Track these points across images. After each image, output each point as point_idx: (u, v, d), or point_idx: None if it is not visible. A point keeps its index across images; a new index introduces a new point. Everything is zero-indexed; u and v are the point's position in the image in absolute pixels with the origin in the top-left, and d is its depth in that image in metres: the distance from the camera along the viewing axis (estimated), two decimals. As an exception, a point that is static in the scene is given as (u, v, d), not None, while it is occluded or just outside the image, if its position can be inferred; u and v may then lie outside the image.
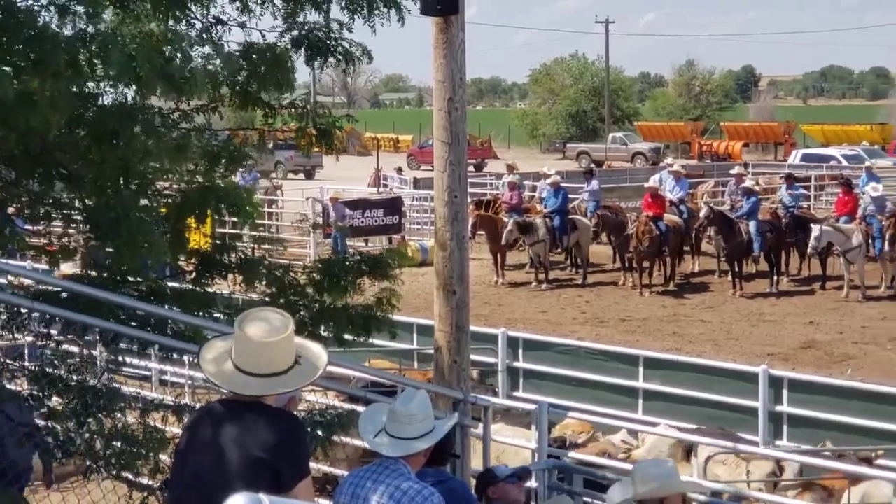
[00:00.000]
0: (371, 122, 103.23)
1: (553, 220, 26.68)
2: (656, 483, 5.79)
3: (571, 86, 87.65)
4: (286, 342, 4.70)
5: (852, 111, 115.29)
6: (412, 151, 73.13)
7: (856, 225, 24.36)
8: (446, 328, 8.10)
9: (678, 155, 71.56)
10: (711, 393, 13.76)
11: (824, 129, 75.71)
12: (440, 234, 8.08)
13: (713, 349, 19.80)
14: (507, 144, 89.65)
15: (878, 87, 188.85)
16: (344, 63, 8.36)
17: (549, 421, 9.39)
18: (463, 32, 7.97)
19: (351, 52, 8.31)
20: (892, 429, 12.37)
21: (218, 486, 4.51)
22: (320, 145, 8.62)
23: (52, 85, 6.16)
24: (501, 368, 15.11)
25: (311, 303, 8.07)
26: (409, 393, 5.66)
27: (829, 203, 36.66)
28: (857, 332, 21.06)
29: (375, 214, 30.39)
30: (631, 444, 11.67)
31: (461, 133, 8.03)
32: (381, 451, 5.44)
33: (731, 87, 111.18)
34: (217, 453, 4.64)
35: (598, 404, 14.12)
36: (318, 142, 8.62)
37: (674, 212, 26.78)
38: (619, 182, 42.78)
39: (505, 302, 24.83)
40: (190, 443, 4.80)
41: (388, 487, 5.25)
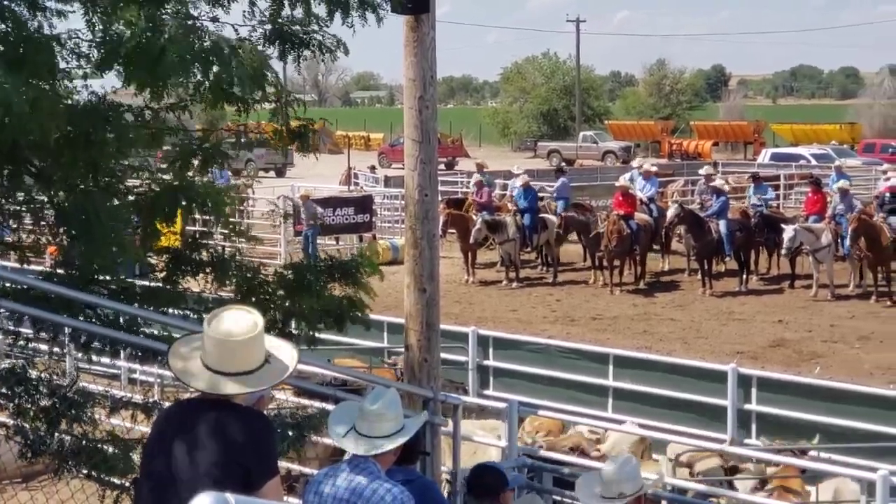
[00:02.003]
0: (342, 120, 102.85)
1: (523, 218, 26.72)
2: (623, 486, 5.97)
3: (542, 84, 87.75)
4: (256, 341, 4.69)
5: (822, 111, 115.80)
6: (383, 150, 73.02)
7: (825, 224, 24.51)
8: (417, 326, 8.12)
9: (648, 154, 71.88)
10: (681, 391, 13.81)
11: (794, 128, 76.04)
12: (411, 233, 8.10)
13: (683, 347, 19.89)
14: (478, 143, 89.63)
15: (847, 87, 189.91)
16: (320, 55, 8.33)
17: (518, 418, 9.42)
18: (434, 31, 7.98)
19: (325, 45, 8.28)
20: (859, 427, 12.45)
21: (186, 484, 4.50)
22: (297, 145, 8.58)
23: (40, 90, 6.15)
24: (472, 366, 15.13)
25: (282, 302, 8.05)
26: (379, 391, 5.65)
27: (798, 202, 36.84)
28: (825, 331, 21.20)
29: (346, 213, 30.40)
30: (598, 432, 11.68)
31: (432, 131, 8.04)
32: (350, 449, 5.43)
33: (702, 87, 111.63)
34: (185, 452, 4.62)
35: (569, 402, 14.16)
36: (294, 142, 8.59)
37: (644, 210, 26.89)
38: (590, 181, 42.82)
39: (476, 300, 24.86)
40: (158, 441, 4.78)
41: (358, 486, 5.25)
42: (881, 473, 8.32)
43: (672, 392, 13.88)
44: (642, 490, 6.38)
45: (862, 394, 12.90)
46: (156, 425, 4.94)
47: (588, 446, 11.24)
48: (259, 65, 7.38)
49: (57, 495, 7.01)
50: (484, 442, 10.72)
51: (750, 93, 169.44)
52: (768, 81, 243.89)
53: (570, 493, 9.19)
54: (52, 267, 7.94)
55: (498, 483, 6.64)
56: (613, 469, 6.33)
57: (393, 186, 36.22)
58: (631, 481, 6.28)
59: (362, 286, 8.37)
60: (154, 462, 4.76)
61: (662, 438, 11.10)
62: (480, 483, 6.68)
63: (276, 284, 8.06)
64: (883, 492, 8.25)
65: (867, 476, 8.71)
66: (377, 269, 8.54)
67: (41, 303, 6.79)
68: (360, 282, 8.35)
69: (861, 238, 23.14)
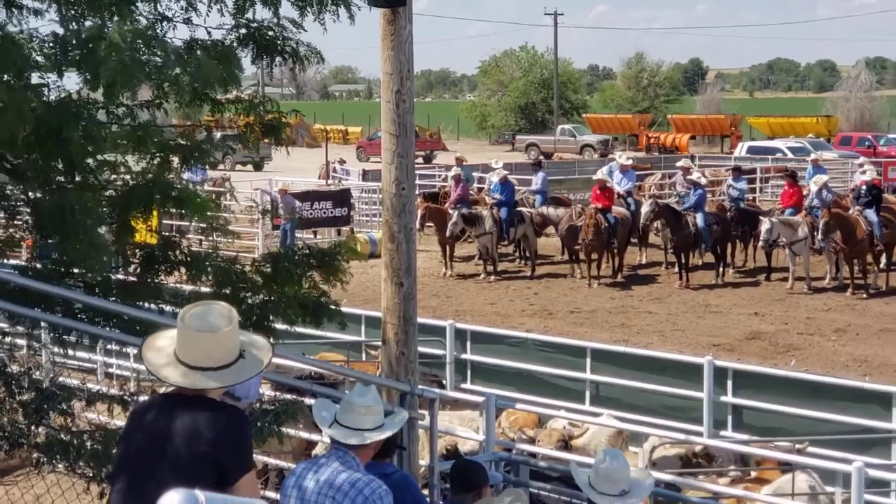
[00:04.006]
0: (320, 113, 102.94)
1: (499, 212, 26.75)
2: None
3: (520, 78, 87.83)
4: (230, 335, 4.68)
5: (798, 104, 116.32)
6: (361, 143, 72.98)
7: (801, 217, 24.62)
8: (394, 320, 8.10)
9: (626, 147, 71.98)
10: (657, 384, 13.85)
11: (770, 121, 76.33)
12: (388, 227, 8.08)
13: (660, 340, 19.95)
14: (456, 136, 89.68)
15: (824, 80, 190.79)
16: (291, 62, 8.34)
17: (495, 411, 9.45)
18: (411, 24, 7.96)
19: (298, 52, 8.29)
20: (835, 419, 12.51)
21: (161, 480, 4.50)
22: (269, 139, 8.59)
23: (6, 88, 6.13)
24: (449, 360, 15.14)
25: (259, 292, 8.05)
26: (364, 387, 5.71)
27: (774, 195, 36.97)
28: (801, 324, 21.29)
29: (324, 206, 30.37)
30: (578, 424, 11.72)
31: (409, 125, 8.02)
32: (339, 439, 5.48)
33: (679, 80, 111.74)
34: (160, 448, 4.62)
35: (546, 395, 14.18)
36: (267, 136, 8.59)
37: (621, 204, 26.97)
38: (568, 174, 42.91)
39: (453, 294, 24.88)
40: (133, 437, 4.77)
41: (337, 478, 5.28)
42: (856, 466, 8.37)
43: (649, 385, 13.92)
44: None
45: (838, 386, 12.96)
46: (130, 420, 4.91)
47: (573, 440, 11.28)
48: (209, 72, 7.37)
49: (33, 490, 6.99)
50: (462, 436, 10.76)
51: (727, 86, 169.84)
52: (745, 75, 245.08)
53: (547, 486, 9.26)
54: (29, 260, 7.93)
55: (479, 478, 6.66)
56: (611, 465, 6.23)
57: (371, 180, 36.20)
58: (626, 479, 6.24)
59: (340, 271, 8.37)
60: (128, 458, 4.75)
61: (640, 431, 11.16)
62: (462, 478, 6.69)
63: (254, 274, 8.06)
64: (858, 484, 8.31)
65: (842, 468, 8.77)
66: (357, 253, 8.55)
67: (18, 296, 6.77)
68: (339, 268, 8.35)
69: (834, 231, 23.25)
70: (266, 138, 8.66)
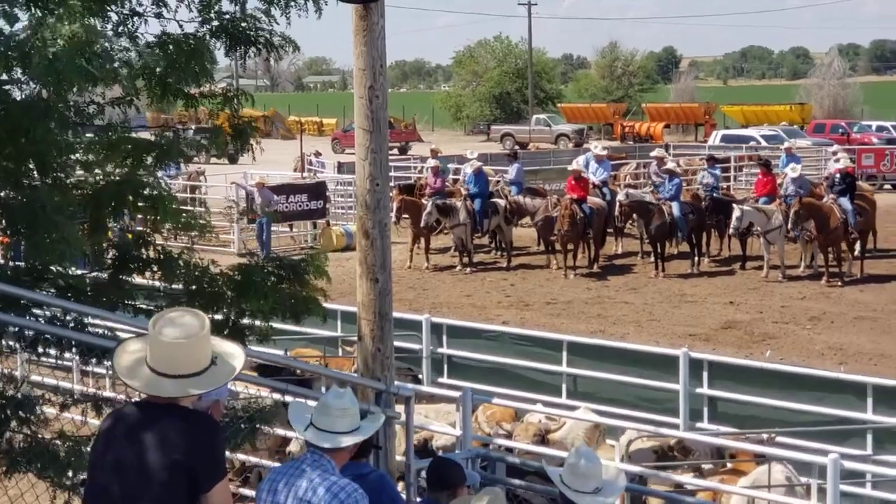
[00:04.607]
0: (295, 105, 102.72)
1: (473, 203, 26.74)
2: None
3: (495, 68, 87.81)
4: (201, 342, 4.64)
5: (772, 91, 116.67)
6: (336, 135, 72.76)
7: (776, 206, 24.69)
8: (369, 316, 8.07)
9: (601, 136, 72.08)
10: (634, 376, 13.86)
11: (744, 109, 76.54)
12: (362, 223, 8.05)
13: (636, 330, 19.99)
14: (431, 127, 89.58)
15: (797, 67, 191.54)
16: (266, 53, 8.29)
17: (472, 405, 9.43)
18: (383, 19, 7.92)
19: (272, 42, 8.24)
20: (811, 410, 12.54)
21: (134, 489, 4.46)
22: (236, 144, 8.51)
23: None
24: (425, 355, 15.11)
25: (232, 303, 8.00)
26: (340, 389, 5.68)
27: (748, 184, 37.08)
28: (776, 312, 21.37)
29: (300, 199, 30.29)
30: (555, 418, 11.71)
31: (382, 120, 7.99)
32: (313, 441, 5.45)
33: (653, 69, 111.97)
34: (133, 457, 4.58)
35: (523, 389, 14.17)
36: (234, 141, 8.52)
37: (597, 194, 27.00)
38: (543, 164, 42.87)
39: (430, 286, 24.86)
40: (105, 446, 4.72)
41: (312, 483, 5.26)
42: (832, 457, 8.39)
43: (625, 377, 13.93)
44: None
45: (814, 377, 12.99)
46: (101, 430, 4.87)
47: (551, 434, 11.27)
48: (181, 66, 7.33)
49: (6, 496, 6.93)
50: (438, 431, 10.74)
51: (701, 74, 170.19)
52: (719, 63, 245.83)
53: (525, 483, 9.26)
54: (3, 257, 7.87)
55: (456, 477, 6.64)
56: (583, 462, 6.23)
57: (346, 172, 36.10)
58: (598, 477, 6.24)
59: (311, 288, 8.35)
60: (100, 467, 4.70)
61: (616, 424, 11.15)
62: (439, 477, 6.67)
63: (225, 284, 8.00)
64: (834, 475, 8.33)
65: (818, 460, 8.79)
66: (325, 274, 8.50)
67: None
68: (309, 284, 8.32)
69: (805, 221, 23.34)
70: (234, 142, 8.55)
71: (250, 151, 8.59)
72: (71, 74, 6.44)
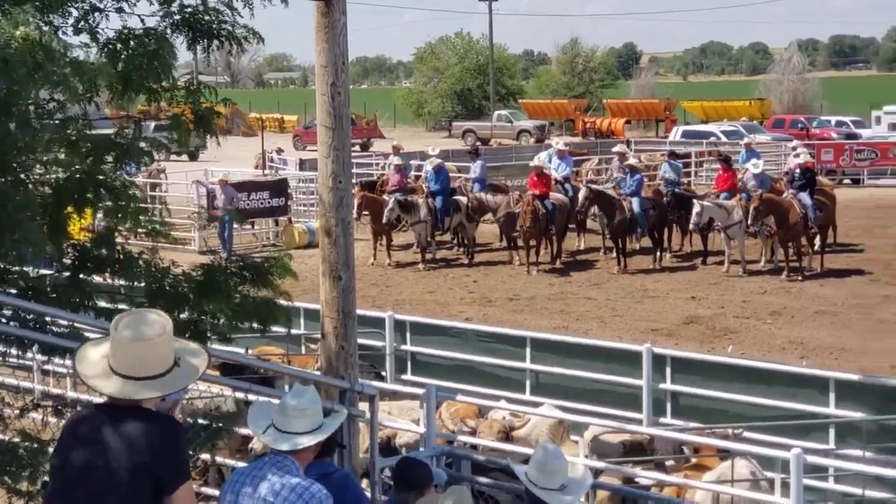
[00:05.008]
0: (255, 102, 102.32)
1: (435, 200, 26.71)
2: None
3: (456, 64, 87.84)
4: (164, 344, 4.60)
5: (732, 87, 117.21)
6: (298, 132, 72.57)
7: (736, 201, 24.81)
8: (333, 314, 8.03)
9: (562, 132, 72.29)
10: (598, 372, 13.89)
11: (704, 105, 76.92)
12: (325, 220, 8.01)
13: (599, 326, 20.04)
14: (392, 123, 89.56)
15: (756, 63, 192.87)
16: (229, 45, 8.22)
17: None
18: (345, 16, 7.87)
19: (235, 34, 8.18)
20: (773, 404, 12.61)
21: (98, 492, 4.41)
22: (199, 130, 8.45)
23: None
24: (389, 352, 15.08)
25: (194, 305, 7.93)
26: (300, 388, 5.62)
27: (709, 179, 37.26)
28: (737, 307, 21.47)
29: (261, 197, 30.19)
30: (519, 415, 11.71)
31: (344, 117, 7.95)
32: (271, 445, 5.40)
33: (613, 65, 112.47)
34: (96, 459, 4.52)
35: (487, 386, 14.16)
36: (197, 127, 8.45)
37: (559, 190, 27.04)
38: (505, 160, 42.90)
39: (392, 283, 24.83)
40: (67, 449, 4.66)
41: (275, 484, 5.21)
42: (795, 452, 8.42)
43: (588, 373, 13.95)
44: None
45: (776, 371, 13.05)
46: (64, 432, 4.81)
47: (515, 431, 11.26)
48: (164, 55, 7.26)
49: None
50: (402, 428, 10.71)
51: (661, 70, 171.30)
52: (679, 59, 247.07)
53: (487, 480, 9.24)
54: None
55: (423, 477, 6.61)
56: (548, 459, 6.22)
57: (308, 169, 35.98)
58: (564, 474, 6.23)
59: (276, 289, 8.29)
60: (63, 469, 4.64)
61: (580, 420, 11.15)
62: (405, 476, 6.63)
63: (187, 285, 7.93)
64: (797, 470, 8.36)
65: (781, 455, 8.82)
66: (291, 272, 8.44)
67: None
68: (274, 284, 8.26)
69: (765, 217, 23.46)
70: (196, 129, 8.49)
71: (214, 138, 8.50)
72: (24, 78, 6.37)
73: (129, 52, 7.71)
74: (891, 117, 55.45)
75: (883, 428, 11.86)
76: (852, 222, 30.56)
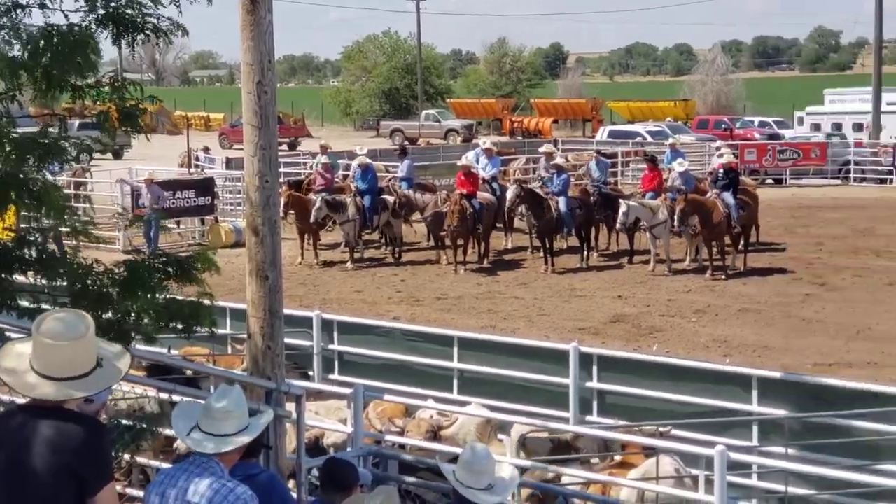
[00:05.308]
0: (181, 100, 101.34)
1: (363, 199, 26.67)
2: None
3: (384, 63, 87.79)
4: (86, 344, 4.56)
5: (657, 88, 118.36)
6: (224, 130, 72.07)
7: (661, 201, 25.04)
8: (259, 314, 7.99)
9: (490, 132, 72.54)
10: (525, 371, 13.92)
11: (630, 105, 77.64)
12: (252, 220, 7.96)
13: (526, 325, 20.10)
14: (320, 122, 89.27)
15: (681, 64, 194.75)
16: (155, 39, 8.15)
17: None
18: (271, 14, 7.84)
19: (160, 27, 8.11)
20: (697, 402, 12.71)
21: (20, 494, 4.36)
22: (125, 128, 8.37)
23: None
24: (316, 351, 15.01)
25: (118, 303, 7.84)
26: (224, 389, 5.56)
27: (635, 179, 37.57)
28: (663, 305, 21.67)
29: (187, 196, 29.94)
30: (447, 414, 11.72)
31: (271, 116, 7.91)
32: (195, 448, 5.34)
33: (541, 65, 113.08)
34: (18, 461, 4.47)
35: (415, 385, 14.15)
36: (124, 123, 8.37)
37: (486, 189, 27.11)
38: (433, 159, 42.95)
39: (320, 282, 24.74)
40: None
41: (200, 486, 5.16)
42: (719, 449, 8.51)
43: (516, 372, 13.99)
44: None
45: (699, 369, 13.17)
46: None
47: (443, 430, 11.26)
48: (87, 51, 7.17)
49: None
50: (330, 428, 10.68)
51: (587, 70, 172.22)
52: (605, 59, 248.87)
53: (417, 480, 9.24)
54: None
55: (350, 478, 6.59)
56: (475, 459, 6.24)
57: (235, 168, 35.74)
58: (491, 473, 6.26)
59: (200, 283, 8.22)
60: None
61: (507, 419, 11.18)
62: (332, 477, 6.61)
63: (110, 282, 7.84)
64: (721, 467, 8.45)
65: (705, 452, 8.91)
66: (215, 264, 8.37)
67: None
68: (198, 279, 8.19)
69: (690, 217, 23.69)
70: (123, 126, 8.41)
71: (141, 134, 8.43)
72: None
73: (52, 47, 7.62)
74: (813, 118, 56.21)
75: (805, 425, 12.01)
76: (775, 221, 30.99)
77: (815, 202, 36.95)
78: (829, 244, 28.36)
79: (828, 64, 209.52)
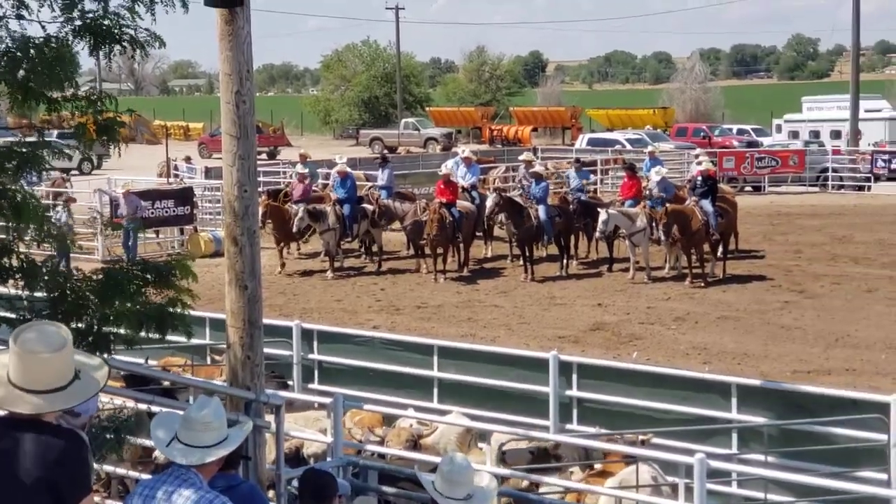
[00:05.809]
0: (160, 109, 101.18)
1: (342, 208, 26.65)
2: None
3: (363, 72, 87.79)
4: (64, 357, 4.53)
5: (636, 96, 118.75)
6: (203, 140, 71.95)
7: (640, 209, 25.10)
8: (239, 324, 7.97)
9: (469, 140, 72.60)
10: (505, 379, 13.93)
11: (609, 113, 77.85)
12: (231, 229, 7.95)
13: (506, 333, 20.10)
14: (300, 131, 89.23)
15: (660, 72, 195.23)
16: (132, 50, 8.14)
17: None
18: (249, 24, 7.83)
19: (138, 39, 8.09)
20: (677, 409, 12.75)
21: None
22: (102, 140, 8.36)
23: None
24: (296, 361, 14.99)
25: (96, 309, 7.82)
26: (203, 400, 5.55)
27: (614, 187, 37.64)
28: (643, 313, 21.70)
29: (166, 205, 29.83)
30: (427, 423, 11.71)
31: (250, 126, 7.90)
32: (174, 459, 5.32)
33: (520, 73, 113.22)
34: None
35: (395, 394, 14.14)
36: (101, 135, 8.35)
37: (466, 198, 27.13)
38: (413, 168, 42.93)
39: (300, 291, 24.71)
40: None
41: (179, 497, 5.14)
42: (698, 457, 8.53)
43: (496, 381, 14.00)
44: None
45: (679, 377, 13.20)
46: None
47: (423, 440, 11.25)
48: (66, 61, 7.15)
49: None
50: (309, 438, 10.66)
51: (567, 78, 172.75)
52: (584, 67, 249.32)
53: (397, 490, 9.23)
54: None
55: (330, 489, 6.58)
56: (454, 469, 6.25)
57: (214, 178, 35.63)
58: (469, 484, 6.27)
59: (179, 290, 8.21)
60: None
61: (487, 428, 11.18)
62: (312, 488, 6.59)
63: (88, 289, 7.82)
64: (700, 475, 8.48)
65: (685, 460, 8.93)
66: (192, 274, 8.35)
67: None
68: (176, 285, 8.18)
69: (672, 228, 23.76)
70: (100, 138, 8.40)
71: (118, 148, 8.42)
72: None
73: (29, 59, 7.61)
74: (791, 125, 56.53)
75: (784, 432, 12.06)
76: (753, 229, 31.10)
77: (793, 209, 37.09)
78: (807, 251, 28.46)
79: (806, 71, 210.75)
